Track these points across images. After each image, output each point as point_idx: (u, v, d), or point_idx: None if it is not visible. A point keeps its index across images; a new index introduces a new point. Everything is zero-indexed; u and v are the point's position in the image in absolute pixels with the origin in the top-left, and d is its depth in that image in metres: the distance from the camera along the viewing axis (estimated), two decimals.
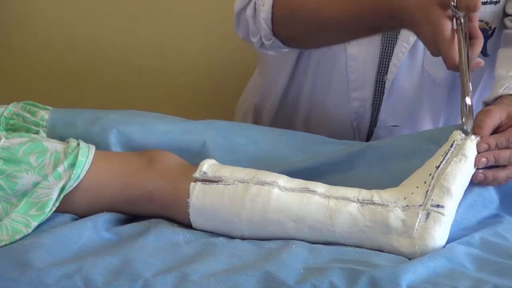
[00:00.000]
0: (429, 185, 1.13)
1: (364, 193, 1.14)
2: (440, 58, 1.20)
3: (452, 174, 1.13)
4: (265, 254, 1.08)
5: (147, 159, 1.21)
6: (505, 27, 1.48)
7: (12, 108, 1.30)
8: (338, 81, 1.56)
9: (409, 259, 1.08)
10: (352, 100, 1.55)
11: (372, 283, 0.99)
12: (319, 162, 1.27)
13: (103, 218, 1.18)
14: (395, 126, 1.52)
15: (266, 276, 1.01)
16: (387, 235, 1.12)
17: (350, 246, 1.12)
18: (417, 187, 1.13)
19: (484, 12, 1.45)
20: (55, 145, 1.20)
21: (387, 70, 1.51)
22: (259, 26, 1.41)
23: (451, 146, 1.15)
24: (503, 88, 1.31)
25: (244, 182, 1.15)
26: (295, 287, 0.99)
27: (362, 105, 1.54)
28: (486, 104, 1.31)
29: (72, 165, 1.17)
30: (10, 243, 1.11)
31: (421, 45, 1.48)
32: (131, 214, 1.22)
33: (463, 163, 1.14)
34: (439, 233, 1.10)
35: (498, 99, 1.30)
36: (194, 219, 1.17)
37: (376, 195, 1.13)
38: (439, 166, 1.14)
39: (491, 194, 1.21)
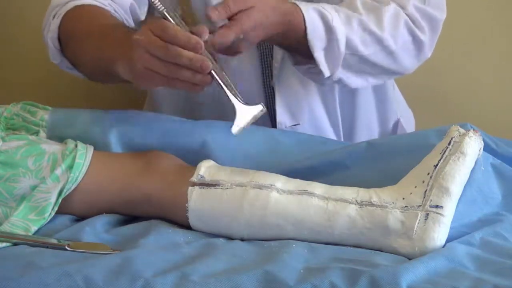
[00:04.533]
0: (428, 185, 1.13)
1: (362, 194, 1.14)
2: None
3: (451, 173, 1.13)
4: (265, 254, 1.08)
5: (146, 161, 1.21)
6: None
7: (12, 108, 1.30)
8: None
9: (409, 259, 1.08)
10: None
11: (372, 283, 0.99)
12: (318, 162, 1.27)
13: (101, 221, 1.18)
14: (295, 125, 1.51)
15: (266, 276, 1.01)
16: (386, 236, 1.12)
17: (350, 246, 1.13)
18: (416, 187, 1.13)
19: None
20: (53, 147, 1.20)
21: (272, 75, 1.49)
22: (48, 46, 1.36)
23: (449, 144, 1.15)
24: None
25: (242, 186, 1.15)
26: (295, 287, 0.99)
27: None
28: None
29: (70, 167, 1.17)
30: (11, 246, 1.11)
31: None
32: (131, 216, 1.22)
33: (462, 161, 1.14)
34: (439, 234, 1.10)
35: None
36: (193, 222, 1.17)
37: (374, 196, 1.13)
38: (437, 164, 1.14)
39: (491, 189, 1.21)
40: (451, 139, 1.15)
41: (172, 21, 1.13)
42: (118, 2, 1.37)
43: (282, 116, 1.49)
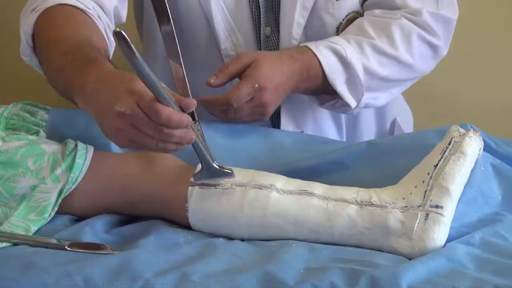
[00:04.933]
0: (428, 185, 1.13)
1: (362, 194, 1.14)
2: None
3: (451, 173, 1.13)
4: (265, 254, 1.08)
5: (146, 161, 1.21)
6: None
7: (12, 108, 1.30)
8: None
9: (409, 259, 1.08)
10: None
11: (372, 283, 0.99)
12: (318, 162, 1.27)
13: (101, 221, 1.18)
14: (300, 132, 1.51)
15: (266, 276, 1.01)
16: (386, 236, 1.12)
17: (350, 246, 1.13)
18: (416, 187, 1.13)
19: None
20: (53, 147, 1.20)
21: None
22: (21, 40, 1.31)
23: (449, 144, 1.15)
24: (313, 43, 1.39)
25: (242, 186, 1.15)
26: (295, 287, 0.99)
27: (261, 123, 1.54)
28: None
29: (70, 167, 1.17)
30: (11, 246, 1.11)
31: None
32: (131, 216, 1.22)
33: (462, 161, 1.14)
34: (439, 234, 1.10)
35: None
36: (194, 223, 1.17)
37: (374, 196, 1.13)
38: (437, 164, 1.14)
39: (491, 189, 1.21)
40: (451, 139, 1.15)
41: (160, 88, 1.03)
42: (103, 5, 1.34)
43: (287, 125, 1.49)
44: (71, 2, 1.29)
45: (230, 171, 1.15)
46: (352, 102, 1.41)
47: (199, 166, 1.16)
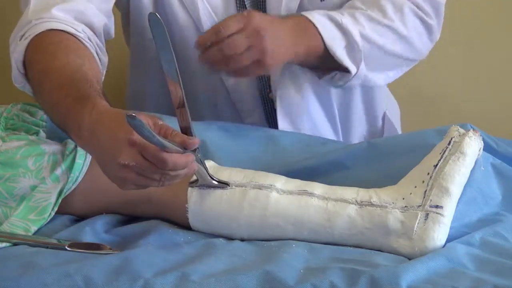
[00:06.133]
0: (427, 185, 1.13)
1: (362, 194, 1.14)
2: None
3: (451, 173, 1.13)
4: (265, 254, 1.08)
5: None
6: None
7: (12, 108, 1.30)
8: (227, 113, 1.52)
9: (409, 259, 1.08)
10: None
11: (372, 283, 0.99)
12: (318, 162, 1.27)
13: (101, 221, 1.18)
14: (299, 132, 1.50)
15: (266, 276, 1.01)
16: (386, 236, 1.12)
17: (350, 246, 1.13)
18: (416, 187, 1.13)
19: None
20: (53, 147, 1.20)
21: (269, 86, 1.49)
22: (12, 66, 1.27)
23: (449, 144, 1.15)
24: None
25: (242, 186, 1.15)
26: (295, 287, 0.99)
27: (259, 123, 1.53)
28: None
29: (70, 167, 1.17)
30: (11, 246, 1.11)
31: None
32: (131, 216, 1.22)
33: (461, 161, 1.14)
34: (439, 234, 1.10)
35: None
36: (193, 223, 1.17)
37: (374, 196, 1.13)
38: (437, 164, 1.14)
39: (492, 189, 1.21)
40: (451, 139, 1.15)
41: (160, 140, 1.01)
42: (93, 26, 1.31)
43: (284, 126, 1.49)
44: (61, 27, 1.26)
45: (226, 184, 1.15)
46: (351, 67, 1.39)
47: (195, 176, 1.16)
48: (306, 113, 1.51)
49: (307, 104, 1.50)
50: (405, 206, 1.12)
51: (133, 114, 0.95)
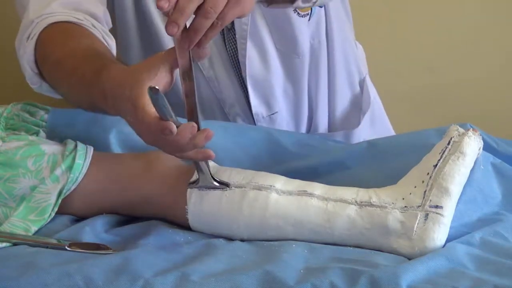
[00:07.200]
0: (427, 185, 1.12)
1: (362, 194, 1.14)
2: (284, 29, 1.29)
3: (450, 173, 1.13)
4: (265, 254, 1.08)
5: (146, 162, 1.21)
6: None
7: (12, 108, 1.30)
8: (209, 102, 1.54)
9: (409, 259, 1.08)
10: (228, 113, 1.54)
11: (372, 283, 0.99)
12: (317, 162, 1.27)
13: (101, 221, 1.18)
14: (273, 114, 1.52)
15: (266, 276, 1.01)
16: (386, 237, 1.12)
17: (350, 246, 1.13)
18: (415, 187, 1.13)
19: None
20: (52, 148, 1.20)
21: (244, 67, 1.50)
22: (24, 69, 1.28)
23: (448, 144, 1.15)
24: None
25: (241, 187, 1.15)
26: (295, 287, 0.99)
27: (235, 111, 1.54)
28: None
29: (70, 168, 1.17)
30: (11, 246, 1.11)
31: (262, 31, 1.49)
32: (131, 216, 1.22)
33: (461, 161, 1.14)
34: (438, 234, 1.10)
35: None
36: (193, 224, 1.17)
37: (374, 196, 1.13)
38: (436, 164, 1.14)
39: (492, 189, 1.21)
40: (451, 139, 1.15)
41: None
42: (94, 14, 1.32)
43: (258, 108, 1.51)
44: (64, 18, 1.28)
45: (226, 185, 1.15)
46: None
47: (196, 175, 1.16)
48: (280, 92, 1.53)
49: (278, 82, 1.52)
50: (405, 206, 1.12)
51: (156, 87, 0.94)
